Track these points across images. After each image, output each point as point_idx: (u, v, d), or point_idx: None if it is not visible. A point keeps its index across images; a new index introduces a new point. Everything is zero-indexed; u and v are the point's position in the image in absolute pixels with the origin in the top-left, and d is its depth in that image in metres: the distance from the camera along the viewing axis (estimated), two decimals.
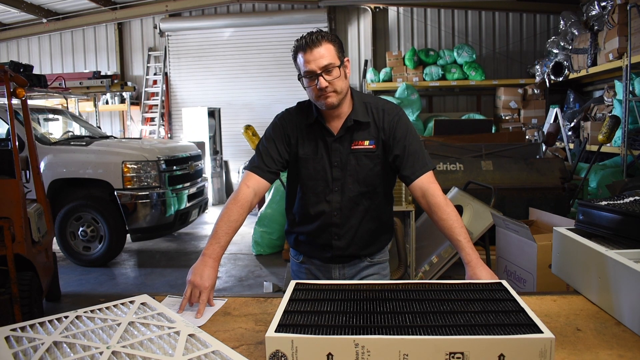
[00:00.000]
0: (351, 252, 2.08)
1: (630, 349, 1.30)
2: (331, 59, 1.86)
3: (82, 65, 11.39)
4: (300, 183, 2.05)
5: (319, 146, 2.01)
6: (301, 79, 1.94)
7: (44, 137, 6.24)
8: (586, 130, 6.75)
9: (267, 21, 10.33)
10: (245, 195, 1.94)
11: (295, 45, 1.93)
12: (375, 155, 1.99)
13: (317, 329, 1.22)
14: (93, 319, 1.43)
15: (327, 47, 1.86)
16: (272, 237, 6.23)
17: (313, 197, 2.03)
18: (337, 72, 1.88)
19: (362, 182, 2.00)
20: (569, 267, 1.80)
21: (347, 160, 1.99)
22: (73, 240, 5.93)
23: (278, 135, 2.04)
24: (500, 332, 1.18)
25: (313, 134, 2.02)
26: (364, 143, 1.99)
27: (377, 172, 2.01)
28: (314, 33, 1.89)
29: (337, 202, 2.01)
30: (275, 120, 2.10)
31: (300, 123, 2.04)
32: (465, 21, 10.01)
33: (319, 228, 2.05)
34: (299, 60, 1.91)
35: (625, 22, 5.49)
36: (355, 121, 1.98)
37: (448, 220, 1.84)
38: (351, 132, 1.99)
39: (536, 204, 4.42)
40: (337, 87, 1.88)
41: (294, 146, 2.03)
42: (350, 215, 2.02)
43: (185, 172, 6.48)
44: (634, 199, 1.84)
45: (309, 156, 2.02)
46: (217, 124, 10.30)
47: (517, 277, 3.14)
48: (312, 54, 1.85)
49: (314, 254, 2.13)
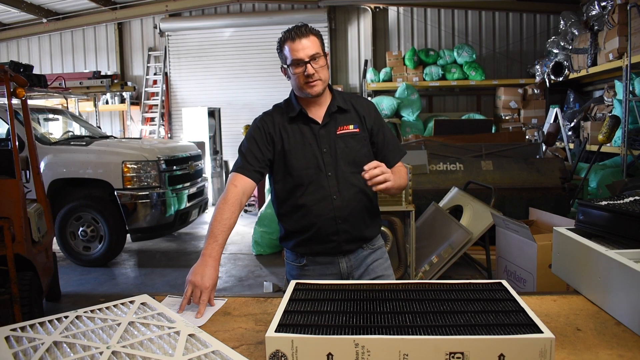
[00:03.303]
0: (355, 235, 2.12)
1: (630, 348, 1.30)
2: (317, 49, 1.99)
3: (82, 65, 11.40)
4: (293, 177, 2.08)
5: (306, 135, 2.09)
6: (287, 69, 2.04)
7: (44, 137, 6.24)
8: (586, 130, 6.75)
9: (267, 21, 10.33)
10: (233, 194, 1.96)
11: (282, 37, 2.03)
12: (361, 137, 2.12)
13: (317, 328, 1.22)
14: (93, 319, 1.43)
15: (313, 39, 1.99)
16: (272, 237, 6.22)
17: (310, 186, 2.07)
18: (323, 61, 2.01)
19: (353, 163, 2.07)
20: (569, 267, 1.80)
21: (335, 145, 2.08)
22: (73, 240, 5.93)
23: (259, 135, 2.10)
24: (500, 332, 1.18)
25: (297, 126, 2.10)
26: (348, 127, 2.11)
27: (365, 152, 2.11)
28: (301, 26, 2.01)
29: (334, 185, 2.07)
30: (254, 122, 2.17)
31: (282, 120, 2.12)
32: (465, 21, 10.02)
33: (321, 215, 2.07)
34: (285, 51, 2.01)
35: (625, 22, 5.49)
36: (339, 107, 2.10)
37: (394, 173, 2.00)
38: (335, 118, 2.10)
39: (536, 204, 4.42)
40: (322, 75, 2.02)
41: (278, 142, 2.09)
42: (348, 197, 2.08)
43: (185, 172, 6.48)
44: (634, 198, 1.84)
45: (297, 146, 2.08)
46: (217, 123, 10.30)
47: (517, 277, 3.14)
48: (301, 43, 1.97)
49: (318, 250, 2.13)
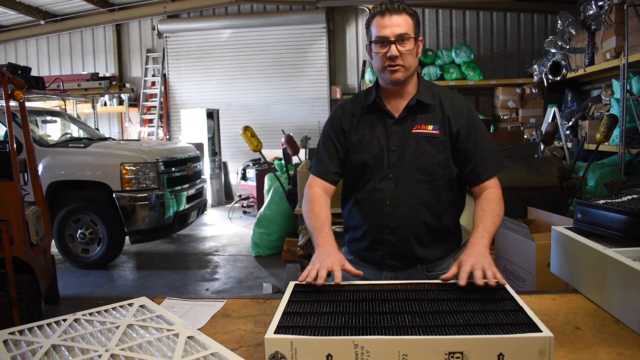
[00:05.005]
0: (404, 252, 1.88)
1: (629, 347, 1.30)
2: (407, 29, 1.77)
3: (80, 67, 11.38)
4: (354, 171, 1.92)
5: (377, 129, 1.88)
6: (370, 46, 1.84)
7: (42, 139, 6.23)
8: (584, 129, 6.76)
9: (265, 22, 10.32)
10: (314, 194, 1.90)
11: (373, 11, 1.82)
12: (438, 141, 1.83)
13: (316, 330, 1.22)
14: (92, 321, 1.43)
15: (406, 18, 1.78)
16: (271, 238, 6.22)
17: (367, 184, 1.89)
18: (411, 45, 1.78)
19: (421, 169, 1.83)
20: (567, 265, 1.80)
21: (406, 145, 1.83)
22: (72, 243, 5.92)
23: (333, 130, 1.95)
24: (500, 332, 1.18)
25: (370, 118, 1.90)
26: (427, 127, 1.84)
27: (439, 160, 1.84)
28: (396, 1, 1.79)
29: (391, 189, 1.84)
30: (330, 115, 2.01)
31: (356, 109, 1.93)
32: (463, 21, 10.02)
33: (370, 219, 1.89)
34: (373, 26, 1.80)
35: (622, 22, 5.49)
36: (419, 101, 1.85)
37: (482, 209, 1.78)
38: (414, 114, 1.86)
39: (535, 203, 4.41)
40: (407, 61, 1.78)
41: (348, 134, 1.92)
42: (404, 206, 1.84)
43: (184, 173, 6.48)
44: (632, 197, 1.84)
45: (364, 140, 1.89)
46: (215, 125, 10.30)
47: (516, 276, 3.14)
48: (391, 20, 1.76)
49: (364, 256, 1.95)
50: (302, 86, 10.45)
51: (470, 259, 1.55)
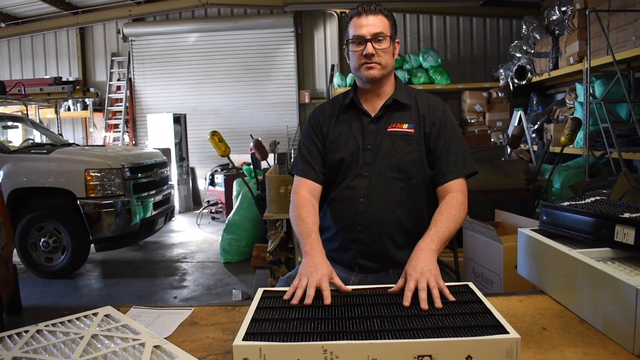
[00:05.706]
0: (377, 252, 1.87)
1: (594, 346, 1.32)
2: (383, 29, 1.83)
3: (43, 71, 11.12)
4: (330, 170, 1.95)
5: (353, 128, 1.92)
6: (347, 46, 1.89)
7: (3, 146, 6.06)
8: (549, 132, 6.91)
9: (233, 26, 10.26)
10: (301, 198, 1.88)
11: (350, 13, 1.88)
12: (413, 140, 1.88)
13: (285, 336, 1.21)
14: (55, 332, 1.39)
15: (382, 18, 1.84)
16: (240, 245, 6.17)
17: (342, 183, 1.91)
18: (387, 44, 1.84)
19: (396, 167, 1.86)
20: (533, 267, 1.82)
21: (380, 143, 1.88)
22: (34, 252, 5.76)
23: (313, 131, 1.99)
24: (468, 334, 1.18)
25: (347, 117, 1.95)
26: (402, 126, 1.89)
27: (413, 158, 1.87)
28: (372, 3, 1.86)
29: (365, 187, 1.86)
30: (309, 116, 2.06)
31: (334, 109, 1.99)
32: (431, 26, 10.15)
33: (343, 217, 1.90)
34: (350, 27, 1.87)
35: (585, 27, 5.62)
36: (396, 101, 1.91)
37: (440, 213, 1.76)
38: (390, 113, 1.91)
39: (502, 205, 4.48)
40: (383, 60, 1.84)
41: (327, 133, 1.96)
42: (378, 204, 1.86)
43: (151, 179, 6.38)
44: (595, 199, 1.88)
45: (340, 138, 1.93)
46: (182, 130, 10.18)
47: (485, 279, 3.17)
48: (367, 19, 1.82)
49: (334, 256, 1.90)
50: (271, 90, 10.42)
51: (415, 274, 1.48)
